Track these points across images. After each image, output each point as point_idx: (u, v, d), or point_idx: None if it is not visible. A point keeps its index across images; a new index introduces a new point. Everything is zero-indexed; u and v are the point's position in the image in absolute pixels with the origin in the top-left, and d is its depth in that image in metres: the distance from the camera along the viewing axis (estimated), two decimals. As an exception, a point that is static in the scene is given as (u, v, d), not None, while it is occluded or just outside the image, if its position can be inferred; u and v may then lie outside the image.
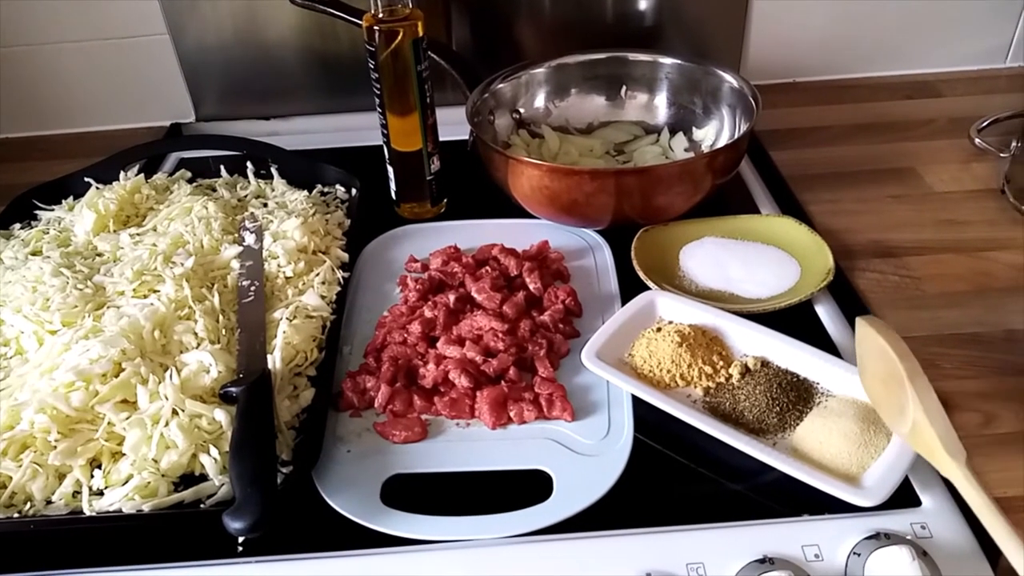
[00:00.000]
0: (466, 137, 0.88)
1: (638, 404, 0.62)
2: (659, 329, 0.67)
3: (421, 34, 0.77)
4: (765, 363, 0.64)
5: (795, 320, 0.69)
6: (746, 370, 0.64)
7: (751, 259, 0.77)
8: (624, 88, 0.97)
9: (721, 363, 0.65)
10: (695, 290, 0.75)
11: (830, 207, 0.84)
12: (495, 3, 1.04)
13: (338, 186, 0.91)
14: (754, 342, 0.66)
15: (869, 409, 0.59)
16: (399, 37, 0.76)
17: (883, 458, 0.56)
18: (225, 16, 1.03)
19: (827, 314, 0.71)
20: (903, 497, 0.55)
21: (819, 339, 0.68)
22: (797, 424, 0.60)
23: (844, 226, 0.81)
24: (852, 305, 0.71)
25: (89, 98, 1.11)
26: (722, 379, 0.64)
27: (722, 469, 0.58)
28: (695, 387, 0.64)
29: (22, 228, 0.85)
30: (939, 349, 0.67)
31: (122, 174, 0.89)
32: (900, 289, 0.73)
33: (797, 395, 0.61)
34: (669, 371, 0.64)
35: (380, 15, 0.76)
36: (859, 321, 0.57)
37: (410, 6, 0.77)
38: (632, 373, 0.65)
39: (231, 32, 1.04)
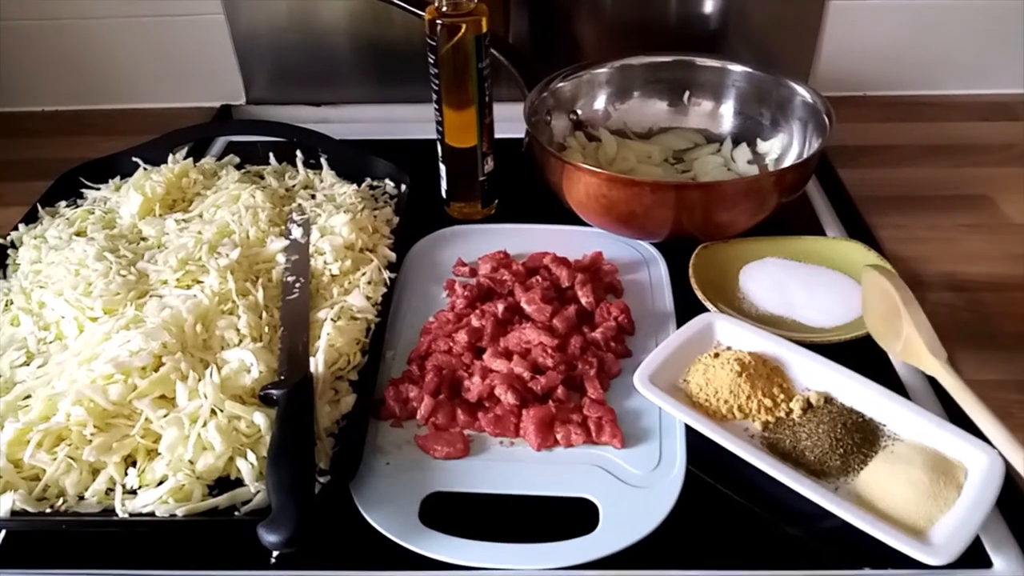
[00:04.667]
0: (520, 135, 0.85)
1: (692, 434, 0.59)
2: (717, 355, 0.64)
3: (485, 30, 0.74)
4: (829, 399, 0.61)
5: (861, 354, 0.65)
6: (808, 406, 0.61)
7: (815, 284, 0.73)
8: (688, 94, 0.94)
9: (782, 396, 0.61)
10: (755, 314, 0.71)
11: (899, 233, 0.80)
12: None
13: (387, 180, 0.89)
14: (817, 376, 0.62)
15: (939, 458, 0.56)
16: (461, 32, 0.73)
17: (953, 512, 0.53)
18: (281, -2, 1.01)
19: (895, 349, 0.68)
20: (973, 556, 0.52)
21: (886, 376, 0.64)
22: (861, 468, 0.56)
23: (914, 254, 0.77)
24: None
25: (140, 75, 1.09)
26: (782, 414, 0.61)
27: (780, 511, 0.55)
28: (753, 420, 0.61)
29: (68, 206, 0.84)
30: (1013, 396, 0.63)
31: (170, 156, 0.88)
32: (972, 326, 0.69)
33: (862, 437, 0.58)
34: (726, 401, 0.61)
35: (444, 8, 0.73)
36: (864, 269, 0.66)
37: (475, 1, 0.74)
38: (686, 401, 0.62)
39: (286, 14, 1.02)
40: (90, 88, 1.11)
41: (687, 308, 0.70)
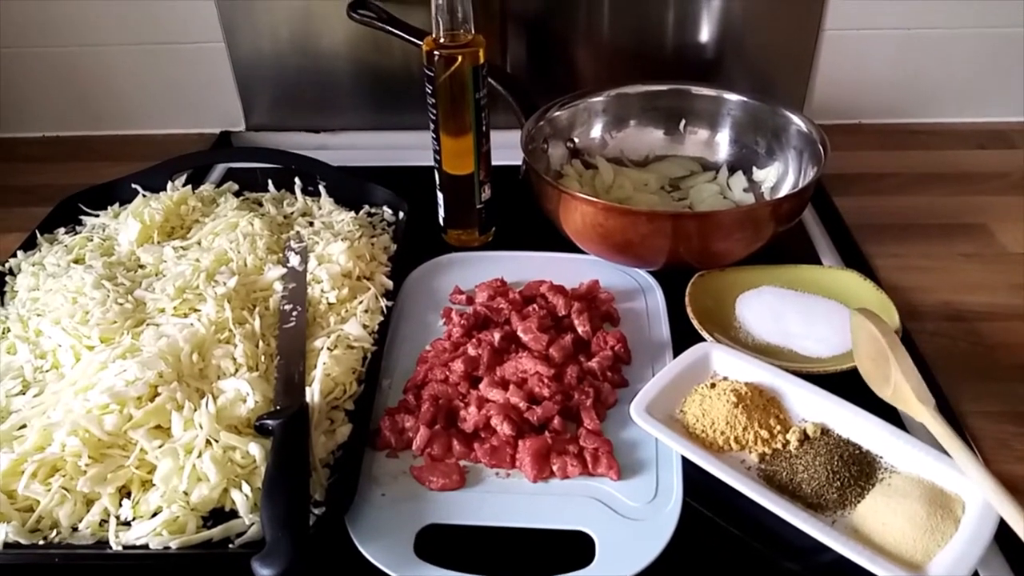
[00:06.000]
0: (517, 162, 0.85)
1: (689, 465, 0.59)
2: (713, 385, 0.64)
3: (482, 61, 0.75)
4: (825, 431, 0.61)
5: (857, 384, 0.65)
6: (805, 437, 0.60)
7: (811, 313, 0.73)
8: (683, 122, 0.94)
9: (778, 427, 0.61)
10: (751, 343, 0.71)
11: (896, 262, 0.80)
12: (552, 28, 1.02)
13: (385, 207, 0.89)
14: (814, 407, 0.62)
15: (936, 491, 0.55)
16: (459, 62, 0.74)
17: (951, 547, 0.52)
18: (281, 26, 1.02)
19: (892, 380, 0.67)
20: (972, 592, 0.51)
21: (882, 408, 0.63)
22: (858, 501, 0.56)
23: (911, 284, 0.77)
24: (919, 372, 0.67)
25: (141, 101, 1.10)
26: (779, 445, 0.60)
27: (778, 545, 0.55)
28: (750, 452, 0.60)
29: (67, 233, 0.84)
30: (1012, 428, 0.63)
31: (169, 184, 0.88)
32: (970, 358, 0.69)
33: (859, 469, 0.57)
34: (723, 433, 0.60)
35: (441, 40, 0.74)
36: (852, 312, 0.66)
37: (472, 32, 0.74)
38: (683, 432, 0.61)
39: (286, 42, 1.03)
40: (91, 114, 1.11)
41: (684, 337, 0.70)
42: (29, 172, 1.05)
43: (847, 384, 0.64)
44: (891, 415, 0.63)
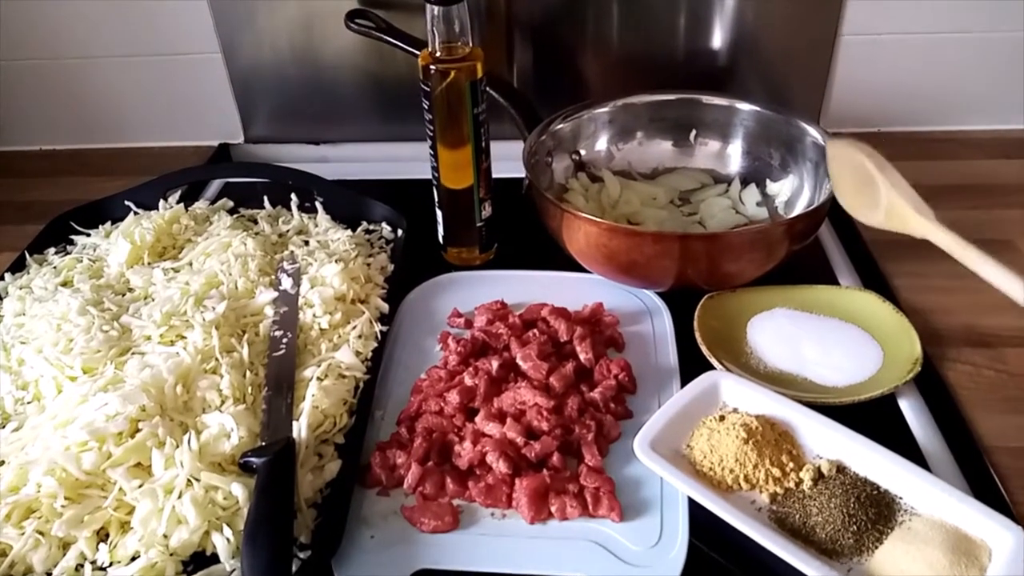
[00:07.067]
0: (521, 175, 0.82)
1: (695, 505, 0.55)
2: (722, 418, 0.61)
3: (480, 75, 0.71)
4: (841, 468, 0.57)
5: (875, 416, 0.62)
6: (819, 475, 0.57)
7: (827, 338, 0.69)
8: (694, 133, 0.91)
9: (791, 465, 0.58)
10: (763, 371, 0.68)
11: (917, 282, 0.76)
12: (559, 37, 0.98)
13: (384, 224, 0.86)
14: (829, 442, 0.59)
15: (960, 536, 0.52)
16: (456, 76, 0.71)
17: (976, 599, 0.49)
18: (280, 36, 0.99)
19: (912, 411, 0.64)
20: (999, 649, 0.47)
21: (902, 442, 0.60)
22: (876, 547, 0.53)
23: (932, 306, 0.73)
24: (941, 402, 0.64)
25: (138, 114, 1.08)
26: (791, 484, 0.57)
27: (789, 594, 0.52)
28: (761, 492, 0.57)
29: (56, 252, 0.82)
30: (1042, 464, 0.59)
31: (162, 202, 0.86)
32: (996, 387, 0.65)
33: (877, 512, 0.54)
34: (732, 471, 0.57)
35: (437, 53, 0.71)
36: (828, 144, 0.65)
37: (471, 44, 0.71)
38: (690, 469, 0.58)
39: (285, 52, 1.00)
40: (87, 127, 1.09)
41: (692, 363, 0.67)
42: (25, 187, 1.03)
43: (865, 417, 0.60)
44: (912, 452, 0.60)
